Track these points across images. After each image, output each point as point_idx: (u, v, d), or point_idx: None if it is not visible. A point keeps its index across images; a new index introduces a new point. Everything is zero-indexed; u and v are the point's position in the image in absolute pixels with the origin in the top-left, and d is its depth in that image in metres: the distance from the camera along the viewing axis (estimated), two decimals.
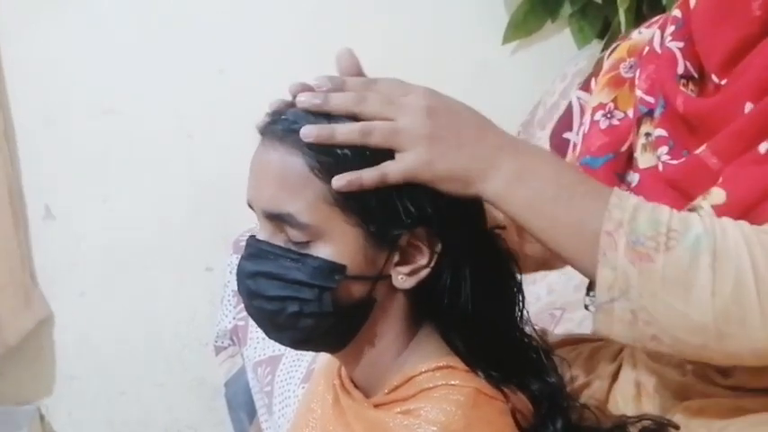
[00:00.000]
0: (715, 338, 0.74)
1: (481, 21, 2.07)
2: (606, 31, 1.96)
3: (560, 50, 2.06)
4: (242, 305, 1.68)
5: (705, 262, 0.72)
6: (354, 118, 0.77)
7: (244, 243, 0.83)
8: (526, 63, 2.10)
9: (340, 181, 0.74)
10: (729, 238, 0.73)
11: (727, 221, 0.75)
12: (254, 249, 0.80)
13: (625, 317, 0.76)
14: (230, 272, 1.75)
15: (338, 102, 0.77)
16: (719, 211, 0.77)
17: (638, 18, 1.73)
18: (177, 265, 2.15)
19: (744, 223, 0.75)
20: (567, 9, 2.02)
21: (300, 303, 0.78)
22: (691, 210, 0.78)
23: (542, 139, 1.88)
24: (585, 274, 0.80)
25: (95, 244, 2.12)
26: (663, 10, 1.71)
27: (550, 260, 1.06)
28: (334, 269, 0.77)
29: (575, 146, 1.04)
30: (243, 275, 0.81)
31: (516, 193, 0.78)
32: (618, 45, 1.03)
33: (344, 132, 0.75)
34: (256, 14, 2.04)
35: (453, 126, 0.77)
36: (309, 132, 0.75)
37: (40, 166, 2.07)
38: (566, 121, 1.07)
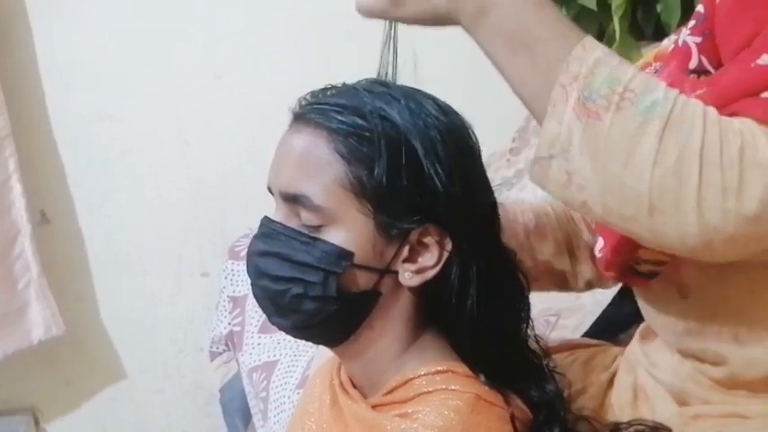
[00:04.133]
0: (647, 212, 0.71)
1: None
2: (601, 39, 1.96)
3: None
4: (237, 311, 1.68)
5: (654, 128, 0.69)
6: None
7: (240, 249, 0.84)
8: None
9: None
10: (688, 112, 0.70)
11: (694, 99, 0.72)
12: (267, 229, 0.82)
13: (560, 177, 0.74)
14: (226, 277, 1.75)
15: None
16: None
17: (632, 25, 1.74)
18: (173, 271, 2.14)
19: (712, 107, 0.71)
20: None
21: (305, 286, 0.79)
22: None
23: None
24: (539, 123, 0.77)
25: (92, 249, 2.12)
26: (657, 18, 1.72)
27: (600, 279, 1.07)
28: (343, 255, 0.78)
29: None
30: (252, 254, 0.83)
31: (479, 28, 0.77)
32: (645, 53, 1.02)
33: None
34: (254, 21, 2.04)
35: None
36: None
37: (37, 170, 2.07)
38: None
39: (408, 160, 0.77)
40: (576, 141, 0.72)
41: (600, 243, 0.93)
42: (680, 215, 0.70)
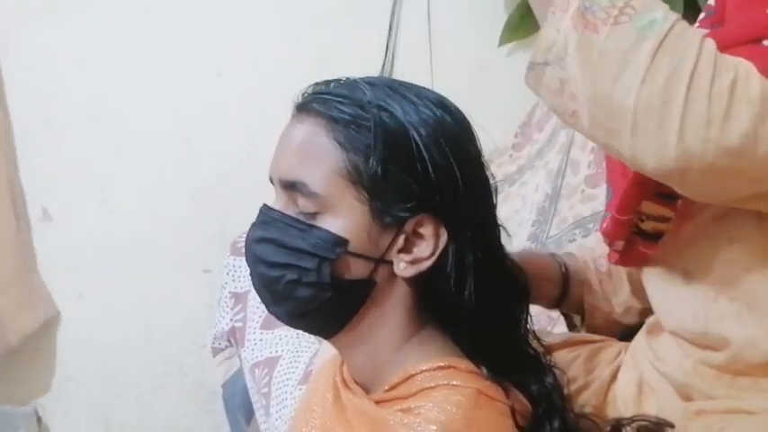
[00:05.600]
0: (631, 129, 0.71)
1: (478, 23, 2.08)
2: None
3: None
4: (239, 307, 1.68)
5: (648, 47, 0.69)
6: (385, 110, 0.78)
7: (241, 245, 0.85)
8: (523, 65, 2.09)
9: None
10: (686, 37, 0.70)
11: (696, 29, 0.71)
12: (265, 216, 0.83)
13: (553, 84, 0.75)
14: (227, 273, 1.75)
15: None
16: None
17: None
18: (175, 267, 2.15)
19: (711, 40, 0.71)
20: None
21: (300, 272, 0.79)
22: None
23: (540, 140, 1.89)
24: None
25: (93, 246, 2.12)
26: None
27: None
28: (337, 242, 0.79)
29: None
30: (251, 241, 0.84)
31: None
32: None
33: None
34: (254, 18, 2.04)
35: None
36: None
37: (38, 167, 2.07)
38: None
39: (404, 149, 0.78)
40: (571, 50, 0.72)
41: (607, 221, 0.93)
42: (661, 137, 0.70)
